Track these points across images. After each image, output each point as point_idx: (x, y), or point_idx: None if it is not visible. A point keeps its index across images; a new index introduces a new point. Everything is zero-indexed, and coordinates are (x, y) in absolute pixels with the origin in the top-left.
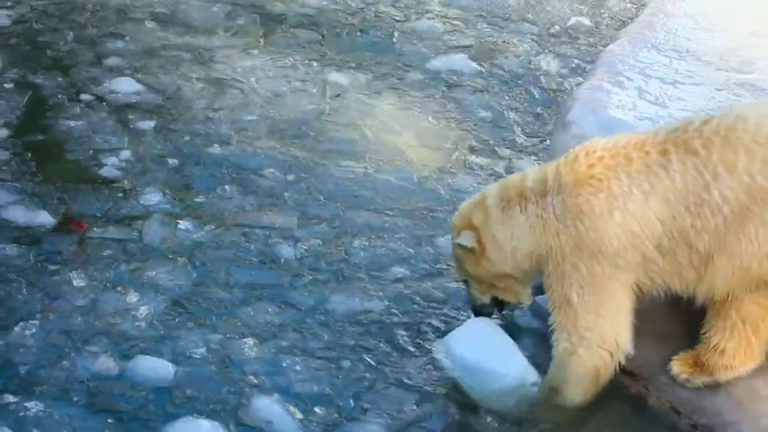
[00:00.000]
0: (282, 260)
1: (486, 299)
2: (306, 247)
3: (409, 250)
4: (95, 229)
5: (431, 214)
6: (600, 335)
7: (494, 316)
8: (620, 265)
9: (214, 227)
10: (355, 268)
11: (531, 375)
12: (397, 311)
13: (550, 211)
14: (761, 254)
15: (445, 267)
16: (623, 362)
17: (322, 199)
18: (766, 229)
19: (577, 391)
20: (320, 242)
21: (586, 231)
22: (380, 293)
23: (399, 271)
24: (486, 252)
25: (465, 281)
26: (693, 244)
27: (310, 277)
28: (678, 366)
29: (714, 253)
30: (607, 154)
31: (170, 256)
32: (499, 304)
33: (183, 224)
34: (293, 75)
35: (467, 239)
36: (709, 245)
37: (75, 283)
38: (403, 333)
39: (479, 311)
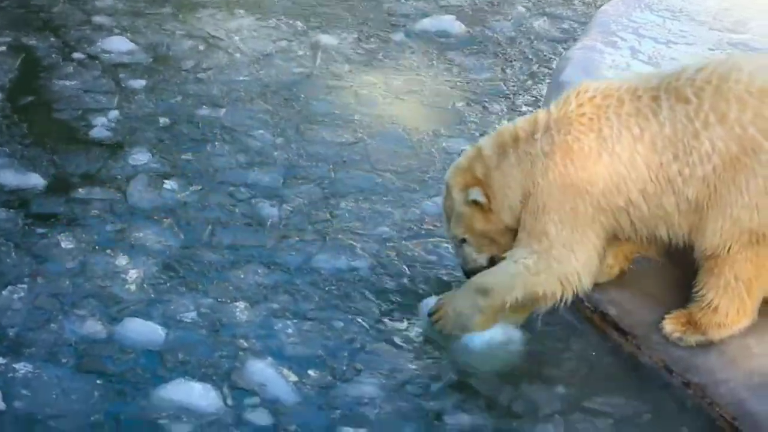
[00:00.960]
0: (268, 220)
1: (483, 259)
2: (291, 207)
3: (396, 211)
4: (80, 190)
5: (424, 175)
6: (568, 270)
7: None
8: (603, 207)
9: (200, 187)
10: (341, 228)
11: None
12: (384, 272)
13: (538, 147)
14: (752, 206)
15: (432, 228)
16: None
17: (311, 160)
18: (757, 180)
19: (512, 302)
20: (306, 202)
21: (575, 170)
22: (367, 253)
23: (384, 231)
24: (492, 204)
25: (462, 241)
26: (681, 191)
27: (296, 238)
28: (670, 325)
29: (704, 203)
30: (598, 95)
31: (156, 217)
32: (492, 264)
33: (168, 184)
34: (278, 35)
35: (477, 194)
36: (698, 194)
37: (63, 245)
38: (393, 293)
39: (472, 271)
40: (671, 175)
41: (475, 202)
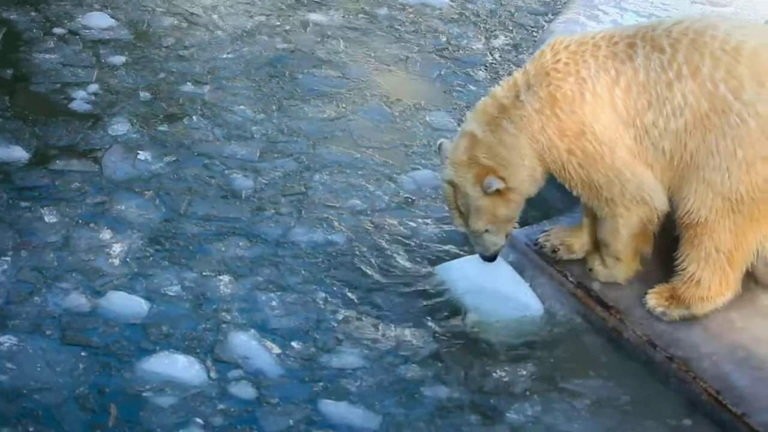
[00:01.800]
0: (242, 192)
1: (502, 239)
2: (266, 180)
3: (369, 185)
4: (59, 162)
5: (408, 150)
6: (630, 196)
7: None
8: (606, 143)
9: (176, 158)
10: (313, 201)
11: (538, 307)
12: (361, 245)
13: (528, 108)
14: (723, 168)
15: (406, 204)
16: (663, 211)
17: (291, 135)
18: (726, 142)
19: (627, 243)
20: (281, 175)
21: (566, 116)
22: (343, 227)
23: (356, 204)
24: (509, 183)
25: (485, 231)
26: (658, 143)
27: (272, 211)
28: (654, 299)
29: (678, 161)
30: (573, 43)
31: (136, 190)
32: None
33: (143, 155)
34: (255, 11)
35: (496, 183)
36: (672, 149)
37: (47, 219)
38: (371, 265)
39: (494, 255)
40: (647, 124)
41: (497, 190)
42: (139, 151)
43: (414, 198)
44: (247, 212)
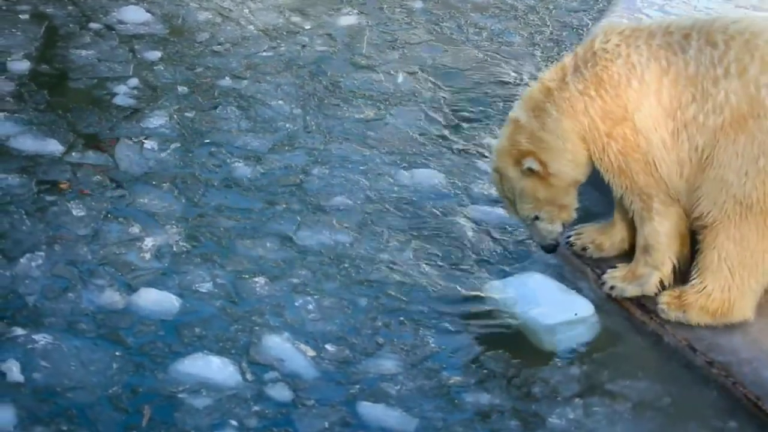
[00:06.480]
0: (243, 181)
1: (558, 226)
2: (263, 171)
3: (366, 181)
4: (74, 153)
5: (428, 153)
6: (663, 189)
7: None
8: (646, 137)
9: (180, 145)
10: (303, 196)
11: (588, 309)
12: (362, 243)
13: (573, 89)
14: (742, 172)
15: (407, 201)
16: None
17: (316, 132)
18: (753, 147)
19: (666, 246)
20: (281, 167)
21: (611, 98)
22: (345, 225)
23: (341, 201)
24: (549, 168)
25: (534, 219)
26: (693, 138)
27: (275, 204)
28: (664, 296)
29: (704, 157)
30: (627, 29)
31: (154, 182)
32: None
33: (148, 144)
34: (285, 5)
35: (531, 163)
36: (704, 146)
37: (75, 212)
38: (391, 264)
39: (552, 245)
40: (687, 119)
41: (531, 170)
42: (151, 141)
43: (413, 197)
44: (258, 203)
